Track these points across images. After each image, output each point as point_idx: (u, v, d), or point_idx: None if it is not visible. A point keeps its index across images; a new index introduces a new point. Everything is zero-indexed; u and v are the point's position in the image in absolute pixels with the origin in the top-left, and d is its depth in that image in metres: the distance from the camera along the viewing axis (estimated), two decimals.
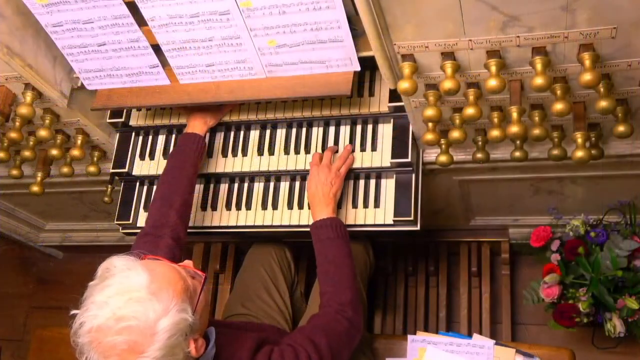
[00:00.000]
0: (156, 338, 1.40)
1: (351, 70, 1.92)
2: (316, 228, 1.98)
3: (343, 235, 1.96)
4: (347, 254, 1.93)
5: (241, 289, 2.31)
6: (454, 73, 1.66)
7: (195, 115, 2.18)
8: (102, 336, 1.40)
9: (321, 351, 1.67)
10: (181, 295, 1.47)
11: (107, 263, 1.50)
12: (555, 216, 2.49)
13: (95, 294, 1.45)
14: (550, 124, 1.93)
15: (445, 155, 1.98)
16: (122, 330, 1.39)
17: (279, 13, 1.78)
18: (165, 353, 1.41)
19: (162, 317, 1.41)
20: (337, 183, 2.04)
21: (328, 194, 2.01)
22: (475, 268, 2.81)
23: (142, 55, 2.01)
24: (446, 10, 1.51)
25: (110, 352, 1.40)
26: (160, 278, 1.47)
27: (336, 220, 1.98)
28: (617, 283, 2.33)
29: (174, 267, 1.54)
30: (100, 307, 1.42)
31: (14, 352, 3.49)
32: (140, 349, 1.39)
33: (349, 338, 1.79)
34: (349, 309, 1.82)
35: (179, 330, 1.44)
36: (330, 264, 1.90)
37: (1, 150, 2.19)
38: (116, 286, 1.43)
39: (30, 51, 2.00)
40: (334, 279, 1.87)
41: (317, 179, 2.03)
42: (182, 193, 2.02)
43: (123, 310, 1.40)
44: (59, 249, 3.59)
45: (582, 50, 1.56)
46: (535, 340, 2.82)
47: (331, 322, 1.78)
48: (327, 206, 2.00)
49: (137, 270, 1.46)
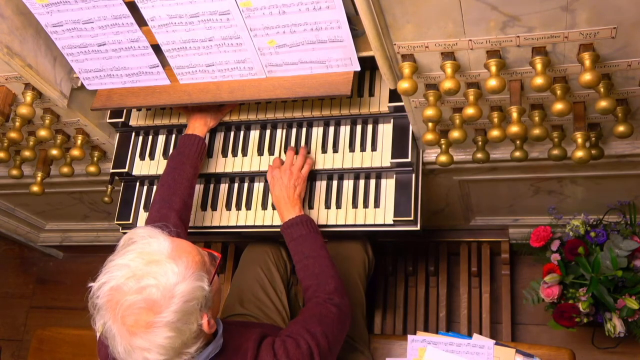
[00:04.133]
0: (174, 301, 1.44)
1: (351, 70, 1.92)
2: (287, 227, 2.01)
3: (314, 230, 2.00)
4: (322, 246, 1.98)
5: (238, 289, 2.31)
6: (454, 73, 1.66)
7: (195, 116, 2.18)
8: (121, 295, 1.44)
9: (318, 339, 1.71)
10: (199, 266, 1.52)
11: (130, 233, 1.57)
12: (555, 216, 2.49)
13: (116, 258, 1.50)
14: (550, 124, 1.93)
15: (445, 155, 1.98)
16: (142, 289, 1.43)
17: (279, 13, 1.78)
18: (180, 317, 1.45)
19: (181, 281, 1.46)
20: (300, 184, 2.08)
21: (292, 195, 2.06)
22: (475, 268, 2.81)
23: (142, 55, 2.01)
24: (446, 10, 1.51)
25: (127, 312, 1.43)
26: (180, 248, 1.53)
27: (305, 217, 2.02)
28: (617, 283, 2.33)
29: (192, 244, 1.60)
30: (121, 268, 1.46)
31: (14, 352, 3.49)
32: (158, 309, 1.43)
33: (341, 324, 1.83)
34: (336, 296, 1.86)
35: (195, 298, 1.47)
36: (308, 259, 1.94)
37: (1, 150, 2.18)
38: (137, 250, 1.50)
39: (30, 51, 2.00)
40: (314, 272, 1.91)
41: (281, 182, 2.07)
42: (182, 194, 2.03)
43: (143, 270, 1.45)
44: (59, 249, 3.59)
45: (582, 50, 1.56)
46: (535, 340, 2.82)
47: (322, 311, 1.81)
48: (294, 207, 2.04)
49: (159, 239, 1.53)
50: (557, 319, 2.39)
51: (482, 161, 2.01)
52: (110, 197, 2.44)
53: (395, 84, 1.79)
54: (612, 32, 1.51)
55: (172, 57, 1.99)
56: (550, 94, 1.72)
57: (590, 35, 1.52)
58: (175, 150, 2.14)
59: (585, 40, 1.54)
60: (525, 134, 1.71)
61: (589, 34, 1.52)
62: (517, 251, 2.73)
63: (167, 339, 1.44)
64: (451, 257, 2.92)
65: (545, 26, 1.52)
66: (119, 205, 2.35)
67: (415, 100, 1.88)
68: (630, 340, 2.54)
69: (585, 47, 1.56)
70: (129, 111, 2.33)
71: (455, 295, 2.91)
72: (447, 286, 2.86)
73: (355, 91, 2.13)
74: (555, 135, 1.94)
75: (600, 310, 2.37)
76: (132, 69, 2.06)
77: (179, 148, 2.12)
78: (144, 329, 1.43)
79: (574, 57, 1.60)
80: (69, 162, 2.38)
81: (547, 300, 2.40)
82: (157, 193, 2.06)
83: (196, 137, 2.13)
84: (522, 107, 1.71)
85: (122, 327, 1.44)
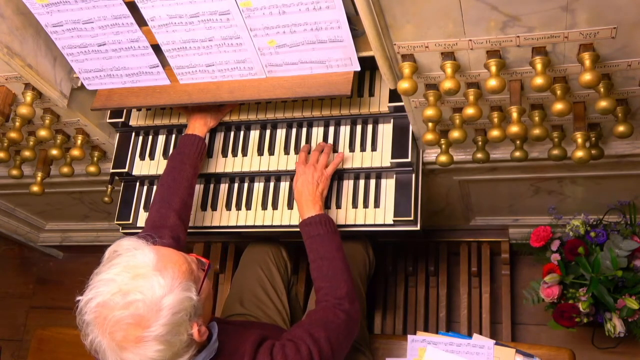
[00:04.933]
0: (161, 314, 1.43)
1: (351, 70, 1.92)
2: (306, 225, 1.98)
3: (333, 231, 1.97)
4: (338, 248, 1.94)
5: (239, 289, 2.31)
6: (454, 73, 1.66)
7: (195, 116, 2.18)
8: (108, 311, 1.43)
9: (320, 344, 1.69)
10: (186, 275, 1.51)
11: (114, 245, 1.55)
12: (555, 216, 2.49)
13: (102, 272, 1.49)
14: (550, 124, 1.93)
15: (445, 155, 1.98)
16: (129, 304, 1.42)
17: (279, 13, 1.78)
18: (169, 330, 1.44)
19: (168, 293, 1.45)
20: (323, 182, 2.05)
21: (314, 192, 2.02)
22: (475, 268, 2.81)
23: (142, 55, 2.01)
24: (446, 10, 1.51)
25: (115, 328, 1.43)
26: (166, 258, 1.52)
27: (325, 217, 1.99)
28: (617, 283, 2.33)
29: (179, 252, 1.59)
30: (107, 283, 1.46)
31: (14, 352, 3.49)
32: (146, 323, 1.42)
33: (348, 330, 1.81)
34: (346, 302, 1.84)
35: (183, 309, 1.47)
36: (323, 260, 1.91)
37: (1, 150, 2.18)
38: (123, 264, 1.48)
39: (30, 51, 2.00)
40: (328, 274, 1.89)
41: (304, 177, 2.04)
42: (182, 194, 2.03)
43: (129, 285, 1.44)
44: (59, 249, 3.59)
45: (582, 50, 1.56)
46: (535, 340, 2.82)
47: (329, 316, 1.79)
48: (315, 204, 2.01)
49: (144, 250, 1.51)
50: (557, 319, 2.39)
51: (482, 161, 2.01)
52: (110, 197, 2.44)
53: (395, 84, 1.79)
54: (612, 32, 1.51)
55: (172, 57, 1.99)
56: (550, 94, 1.72)
57: (590, 35, 1.52)
58: (175, 150, 2.14)
59: (585, 40, 1.54)
60: (525, 134, 1.71)
61: (589, 34, 1.52)
62: (517, 251, 2.73)
63: (157, 352, 1.44)
64: (451, 257, 2.92)
65: (545, 26, 1.52)
66: (119, 205, 2.35)
67: (415, 100, 1.88)
68: (630, 340, 2.54)
69: (585, 47, 1.56)
70: (129, 111, 2.33)
71: (455, 295, 2.91)
72: (447, 286, 2.86)
73: (355, 91, 2.13)
74: (555, 135, 1.94)
75: (600, 310, 2.37)
76: (132, 69, 2.06)
77: (179, 148, 2.12)
78: (133, 344, 1.43)
79: (574, 57, 1.60)
80: (69, 162, 2.38)
81: (547, 300, 2.40)
82: (157, 193, 2.06)
83: (196, 137, 2.13)
84: (522, 107, 1.71)
85: (111, 342, 1.44)
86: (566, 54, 1.60)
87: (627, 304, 2.28)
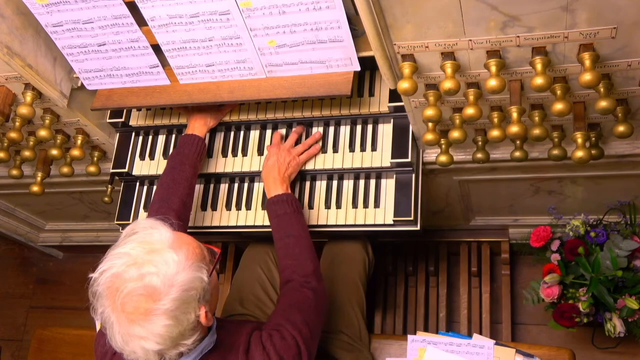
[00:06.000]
0: (173, 289, 1.45)
1: (351, 70, 1.92)
2: (273, 204, 2.02)
3: (298, 210, 2.01)
4: (303, 227, 1.99)
5: (239, 289, 2.32)
6: (454, 73, 1.66)
7: (195, 116, 2.18)
8: (121, 282, 1.44)
9: (299, 327, 1.72)
10: (199, 257, 1.54)
11: (133, 224, 1.58)
12: (555, 216, 2.49)
13: (118, 247, 1.51)
14: (550, 124, 1.93)
15: (445, 155, 1.98)
16: (142, 276, 1.44)
17: (279, 13, 1.78)
18: (178, 306, 1.45)
19: (181, 270, 1.47)
20: (293, 166, 2.10)
21: (283, 173, 2.07)
22: (475, 268, 2.81)
23: (142, 55, 2.01)
24: (446, 10, 1.51)
25: (127, 299, 1.44)
26: (181, 239, 1.55)
27: (291, 196, 2.03)
28: (617, 283, 2.33)
29: (193, 237, 1.62)
30: (122, 256, 1.48)
31: (14, 352, 3.49)
32: (158, 296, 1.44)
33: (318, 306, 1.84)
34: (313, 279, 1.87)
35: (194, 288, 1.49)
36: (289, 238, 1.95)
37: (1, 150, 2.19)
38: (139, 240, 1.51)
39: (30, 51, 2.00)
40: (294, 251, 1.92)
41: (276, 157, 2.09)
42: (181, 194, 2.03)
43: (144, 258, 1.46)
44: (59, 249, 3.59)
45: (582, 50, 1.56)
46: (535, 340, 2.82)
47: (299, 297, 1.82)
48: (282, 184, 2.05)
49: (160, 229, 1.54)
50: (557, 319, 2.39)
51: (482, 161, 2.01)
52: (110, 197, 2.44)
53: (395, 84, 1.79)
54: (612, 32, 1.51)
55: (172, 57, 1.99)
56: (550, 94, 1.72)
57: (590, 35, 1.52)
58: (175, 150, 2.14)
59: (585, 40, 1.54)
60: (525, 134, 1.71)
61: (589, 34, 1.52)
62: (517, 251, 2.73)
63: (165, 327, 1.44)
64: (451, 257, 2.92)
65: (545, 26, 1.52)
66: (119, 205, 2.35)
67: (415, 100, 1.88)
68: (630, 340, 2.54)
69: (585, 47, 1.56)
70: (129, 111, 2.33)
71: (455, 295, 2.91)
72: (447, 286, 2.86)
73: (355, 91, 2.13)
74: (555, 135, 1.94)
75: (600, 310, 2.37)
76: (132, 69, 2.06)
77: (178, 148, 2.12)
78: (142, 316, 1.44)
79: (574, 57, 1.60)
80: (69, 162, 2.38)
81: (547, 300, 2.39)
82: (157, 193, 2.06)
83: (196, 137, 2.13)
84: (522, 107, 1.71)
85: (121, 314, 1.45)
86: (566, 54, 1.60)
87: (627, 304, 2.28)
